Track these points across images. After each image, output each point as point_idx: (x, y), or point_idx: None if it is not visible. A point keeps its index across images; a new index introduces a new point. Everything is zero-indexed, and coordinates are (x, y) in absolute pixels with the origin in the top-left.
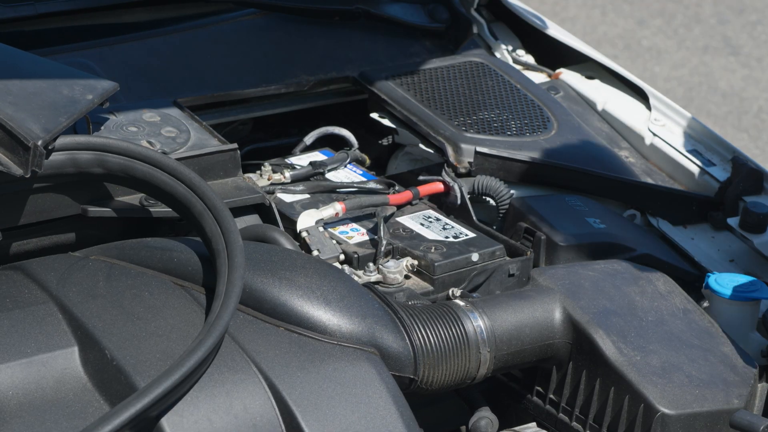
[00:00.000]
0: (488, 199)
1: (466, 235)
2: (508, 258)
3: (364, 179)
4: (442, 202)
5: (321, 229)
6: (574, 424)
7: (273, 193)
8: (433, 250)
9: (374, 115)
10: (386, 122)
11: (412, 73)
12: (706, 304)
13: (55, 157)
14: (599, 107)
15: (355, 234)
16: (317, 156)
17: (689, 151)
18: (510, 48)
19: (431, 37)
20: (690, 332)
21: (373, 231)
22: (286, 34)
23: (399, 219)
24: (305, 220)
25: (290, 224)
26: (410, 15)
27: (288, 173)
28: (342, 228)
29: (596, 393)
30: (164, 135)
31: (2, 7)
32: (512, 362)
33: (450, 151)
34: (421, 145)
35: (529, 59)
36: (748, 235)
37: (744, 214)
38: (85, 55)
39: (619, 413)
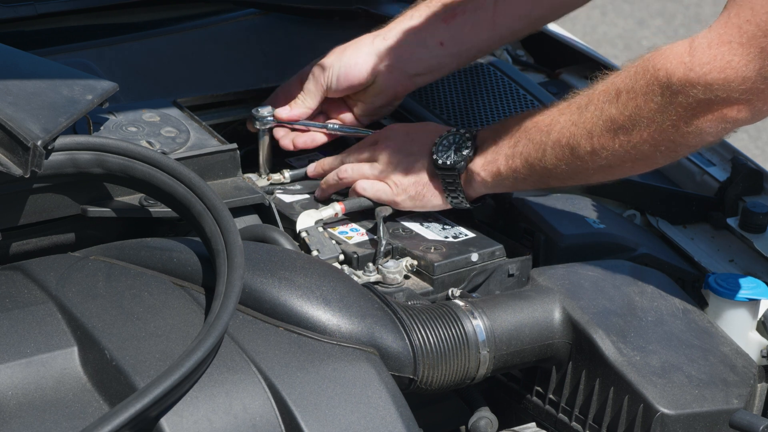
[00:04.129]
0: (488, 199)
1: (466, 235)
2: (507, 258)
3: None
4: None
5: (320, 229)
6: (574, 424)
7: (272, 193)
8: (432, 250)
9: None
10: (386, 122)
11: None
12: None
13: (55, 157)
14: None
15: (355, 234)
16: (317, 156)
17: None
18: (510, 48)
19: None
20: (690, 332)
21: (373, 231)
22: (286, 34)
23: (399, 219)
24: (304, 221)
25: (290, 224)
26: None
27: (288, 173)
28: (341, 228)
29: (596, 393)
30: (164, 135)
31: (2, 7)
32: (512, 362)
33: None
34: None
35: (529, 59)
36: (748, 235)
37: (744, 214)
38: (85, 55)
39: (618, 413)
